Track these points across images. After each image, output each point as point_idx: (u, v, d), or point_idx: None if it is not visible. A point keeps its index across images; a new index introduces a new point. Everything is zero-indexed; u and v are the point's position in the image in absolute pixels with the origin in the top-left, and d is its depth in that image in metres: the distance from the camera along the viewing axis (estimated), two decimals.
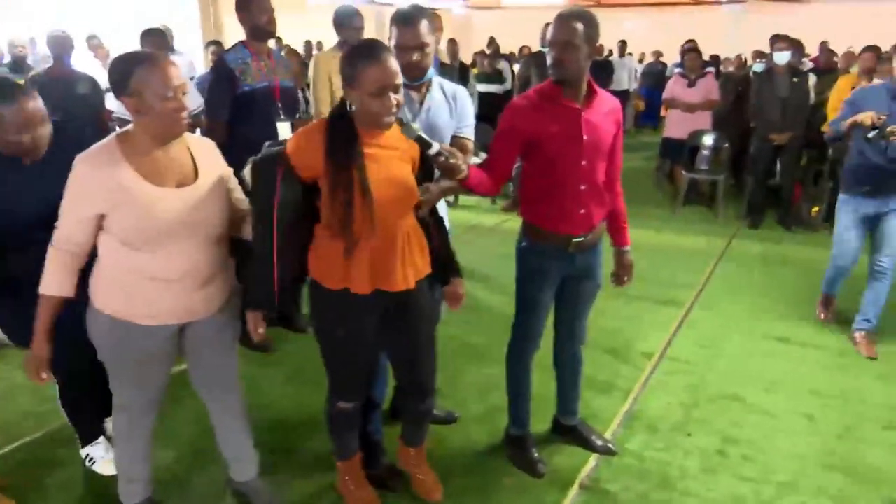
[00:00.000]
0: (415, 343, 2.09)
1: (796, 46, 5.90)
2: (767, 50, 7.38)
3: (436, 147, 1.84)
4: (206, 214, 1.84)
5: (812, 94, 5.84)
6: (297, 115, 3.46)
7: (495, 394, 3.01)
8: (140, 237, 1.75)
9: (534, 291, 2.34)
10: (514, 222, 6.09)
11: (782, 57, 5.52)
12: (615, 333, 3.69)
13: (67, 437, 2.57)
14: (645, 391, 3.10)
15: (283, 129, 3.20)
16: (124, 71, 1.67)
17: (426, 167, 1.97)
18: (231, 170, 1.98)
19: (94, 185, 1.71)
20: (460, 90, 2.36)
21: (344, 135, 1.79)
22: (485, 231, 5.74)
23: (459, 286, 2.16)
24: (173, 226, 1.76)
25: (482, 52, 8.62)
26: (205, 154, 1.92)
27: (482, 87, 7.52)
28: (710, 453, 2.63)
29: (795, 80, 5.55)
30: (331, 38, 3.80)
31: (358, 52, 1.76)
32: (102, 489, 2.36)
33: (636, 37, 12.89)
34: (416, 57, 2.15)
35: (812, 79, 6.04)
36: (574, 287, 2.38)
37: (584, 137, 2.12)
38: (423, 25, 2.17)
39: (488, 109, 7.25)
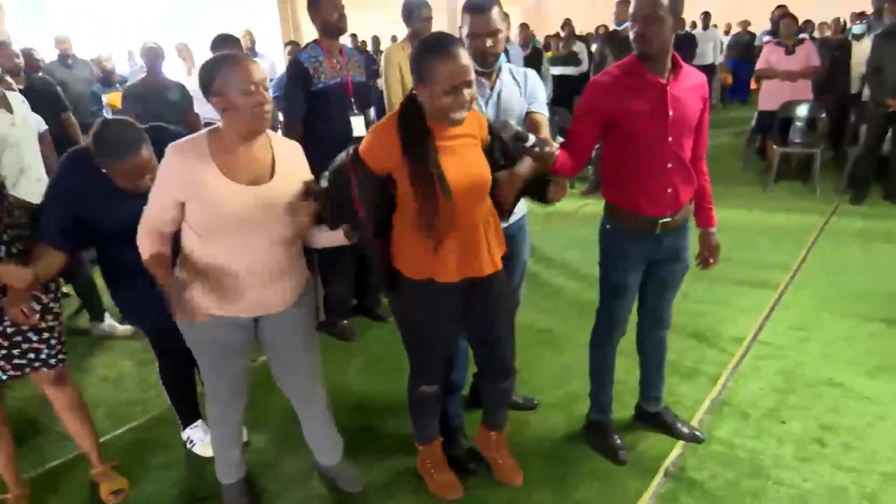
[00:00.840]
0: (495, 323, 2.08)
1: None
2: (869, 10, 6.88)
3: (532, 139, 1.84)
4: (278, 214, 1.87)
5: None
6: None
7: (574, 381, 2.98)
8: (210, 229, 1.83)
9: (619, 276, 2.27)
10: (594, 207, 5.97)
11: None
12: (702, 317, 3.55)
13: (170, 421, 2.75)
14: (734, 377, 2.97)
15: (357, 124, 3.28)
16: (209, 73, 1.75)
17: (496, 143, 1.96)
18: (311, 176, 2.00)
19: (177, 175, 1.79)
20: (529, 71, 2.37)
21: (417, 132, 1.78)
22: (563, 217, 5.63)
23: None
24: (243, 222, 1.82)
25: (556, 35, 8.45)
26: (287, 156, 1.95)
27: (557, 71, 7.38)
28: (806, 441, 2.49)
29: None
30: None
31: (427, 48, 1.73)
32: (201, 469, 2.52)
33: (721, 7, 12.24)
34: (489, 43, 2.17)
35: None
36: (660, 270, 2.30)
37: (671, 113, 2.03)
38: (495, 12, 2.19)
39: (564, 93, 7.14)
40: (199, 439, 2.61)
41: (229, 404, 2.16)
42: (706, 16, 10.91)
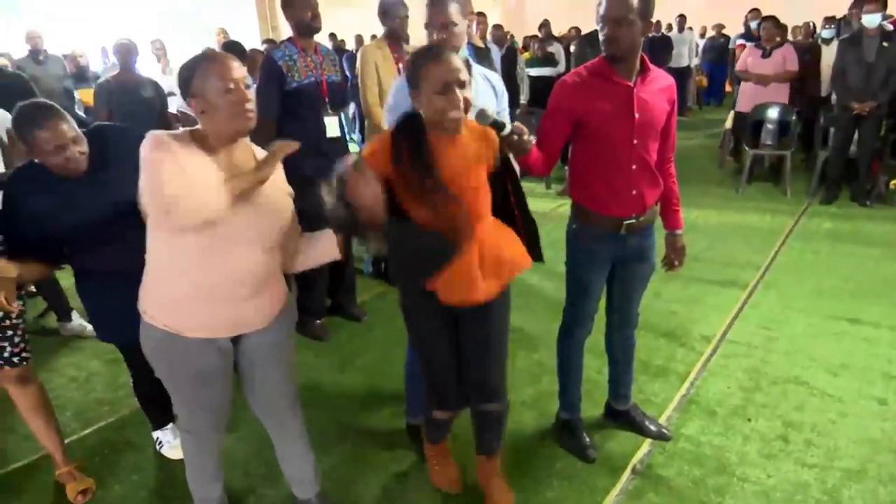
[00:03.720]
0: (486, 342, 2.00)
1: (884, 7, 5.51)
2: (839, 15, 7.00)
3: (509, 128, 1.82)
4: (264, 225, 1.73)
5: None
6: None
7: (546, 379, 3.01)
8: (196, 240, 1.63)
9: (584, 275, 2.31)
10: (568, 207, 6.00)
11: (873, 19, 5.12)
12: (672, 316, 3.60)
13: (139, 422, 2.72)
14: (703, 375, 3.02)
15: (331, 124, 3.27)
16: (187, 73, 1.64)
17: (506, 163, 1.95)
18: (291, 191, 1.87)
19: (175, 162, 1.55)
20: (493, 75, 2.41)
21: (417, 141, 1.77)
22: (538, 217, 5.64)
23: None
24: (229, 230, 1.65)
25: (534, 37, 8.49)
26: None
27: (534, 72, 7.42)
28: (770, 438, 2.54)
29: (886, 44, 5.16)
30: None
31: (419, 54, 1.78)
32: (171, 470, 2.49)
33: (696, 10, 12.41)
34: (443, 35, 2.23)
35: None
36: (626, 270, 2.33)
37: (636, 115, 2.05)
38: (452, 6, 2.25)
39: (541, 93, 7.16)
40: (167, 441, 2.59)
41: (207, 437, 1.96)
42: (682, 18, 11.06)
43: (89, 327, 3.69)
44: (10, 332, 2.11)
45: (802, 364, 3.06)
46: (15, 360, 2.14)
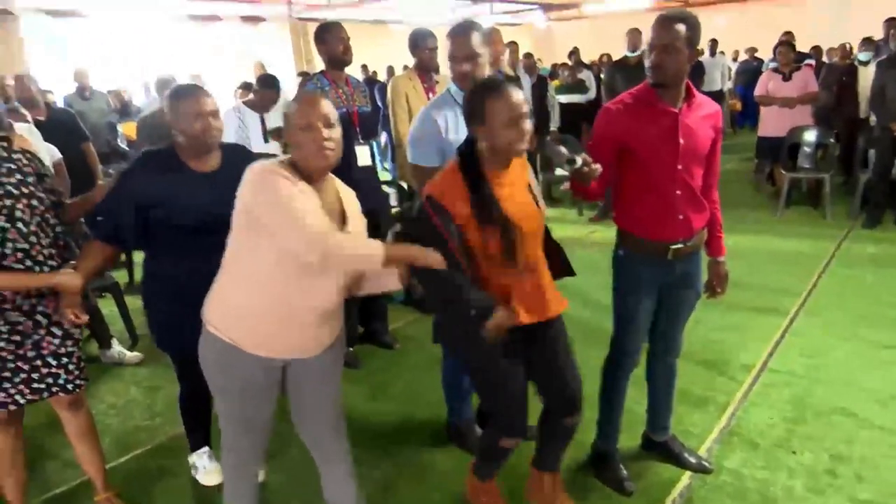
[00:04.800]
0: (559, 354, 2.07)
1: None
2: (877, 36, 6.88)
3: (579, 161, 1.86)
4: None
5: None
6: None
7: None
8: (297, 264, 1.69)
9: (632, 302, 2.26)
10: (602, 233, 5.96)
11: None
12: (711, 345, 3.51)
13: (176, 449, 2.75)
14: (744, 405, 2.93)
15: (362, 153, 3.32)
16: (286, 108, 1.79)
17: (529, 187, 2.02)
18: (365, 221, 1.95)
19: (299, 186, 1.68)
20: None
21: (478, 179, 1.83)
22: (570, 243, 5.60)
23: None
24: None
25: (563, 64, 8.54)
26: (350, 201, 1.90)
27: (564, 98, 7.44)
28: (818, 472, 2.44)
29: None
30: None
31: (481, 89, 1.84)
32: (205, 498, 2.50)
33: (729, 34, 12.35)
34: (466, 67, 2.26)
35: None
36: (672, 296, 2.29)
37: (681, 141, 2.06)
38: (475, 37, 2.28)
39: (571, 120, 7.18)
40: (202, 466, 2.60)
41: (249, 460, 2.00)
42: (713, 43, 10.99)
43: (129, 354, 3.77)
44: (65, 360, 2.16)
45: (849, 394, 2.95)
46: (69, 386, 2.19)
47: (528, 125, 1.81)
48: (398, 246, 1.79)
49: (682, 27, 1.96)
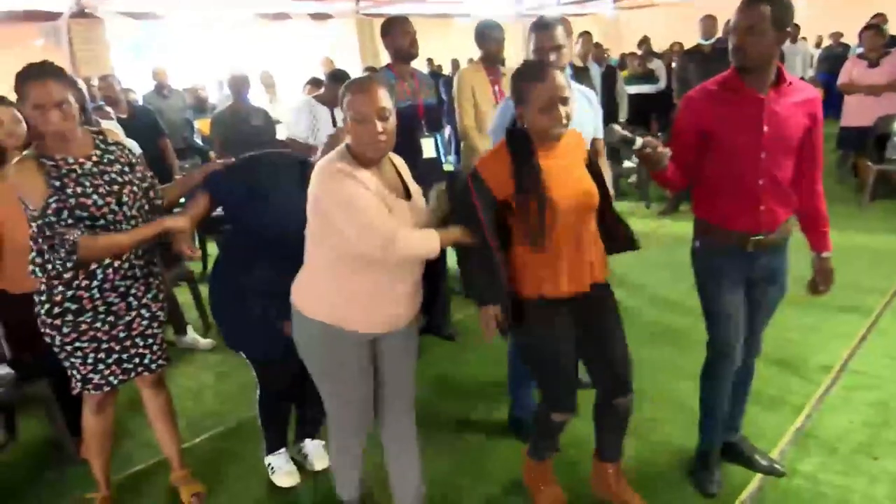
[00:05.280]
0: (610, 337, 2.08)
1: None
2: None
3: (639, 142, 1.92)
4: (421, 226, 1.90)
5: None
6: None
7: (645, 407, 2.87)
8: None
9: (716, 295, 2.17)
10: (671, 228, 5.79)
11: None
12: (787, 344, 3.35)
13: (245, 433, 2.86)
14: (821, 408, 2.79)
15: (427, 145, 3.34)
16: (342, 93, 1.82)
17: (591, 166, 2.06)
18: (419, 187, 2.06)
19: (364, 184, 1.78)
20: (589, 92, 2.51)
21: (523, 154, 1.89)
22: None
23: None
24: None
25: (632, 54, 8.32)
26: (406, 171, 2.02)
27: (633, 89, 7.25)
28: None
29: None
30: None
31: (523, 71, 1.90)
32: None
33: (812, 19, 11.70)
34: (552, 57, 2.38)
35: None
36: (755, 291, 2.20)
37: (765, 129, 1.98)
38: (559, 30, 2.41)
39: (641, 111, 7.00)
40: (279, 467, 2.59)
41: (356, 433, 2.10)
42: (795, 28, 10.46)
43: (203, 341, 3.94)
44: (150, 341, 2.29)
45: None
46: (153, 366, 2.32)
47: (567, 110, 1.84)
48: (444, 231, 1.88)
49: (766, 8, 1.88)
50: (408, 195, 1.93)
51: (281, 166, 2.33)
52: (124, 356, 2.24)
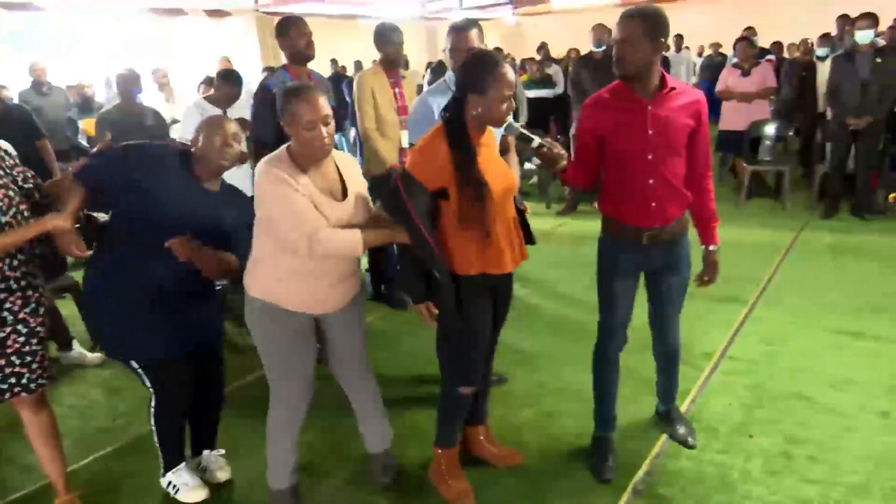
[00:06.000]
0: (499, 317, 2.31)
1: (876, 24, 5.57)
2: (834, 32, 7.05)
3: (537, 140, 2.11)
4: (355, 224, 2.07)
5: None
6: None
7: (547, 399, 3.00)
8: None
9: (609, 283, 2.38)
10: (569, 227, 6.03)
11: (865, 36, 5.20)
12: None
13: (140, 451, 2.73)
14: (704, 392, 3.00)
15: None
16: (281, 102, 1.97)
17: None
18: (366, 183, 2.26)
19: (298, 188, 1.97)
20: None
21: (464, 143, 2.03)
22: (539, 236, 5.69)
23: None
24: None
25: (531, 59, 8.58)
26: (348, 168, 2.18)
27: (532, 93, 7.47)
28: (773, 455, 2.51)
29: (879, 60, 5.21)
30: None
31: (484, 61, 2.01)
32: (169, 498, 2.47)
33: (694, 30, 12.52)
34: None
35: None
36: (657, 281, 2.41)
37: (650, 132, 2.15)
38: (473, 32, 2.58)
39: (540, 114, 7.22)
40: (183, 483, 2.43)
41: (297, 407, 2.25)
42: (679, 38, 11.16)
43: (90, 356, 3.70)
44: (28, 359, 2.12)
45: (805, 380, 3.04)
46: (32, 385, 2.15)
47: (513, 102, 2.03)
48: (371, 231, 2.06)
49: (640, 22, 2.06)
50: (344, 195, 2.09)
51: (162, 157, 2.22)
52: None
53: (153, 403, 2.36)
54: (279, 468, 2.32)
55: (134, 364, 2.28)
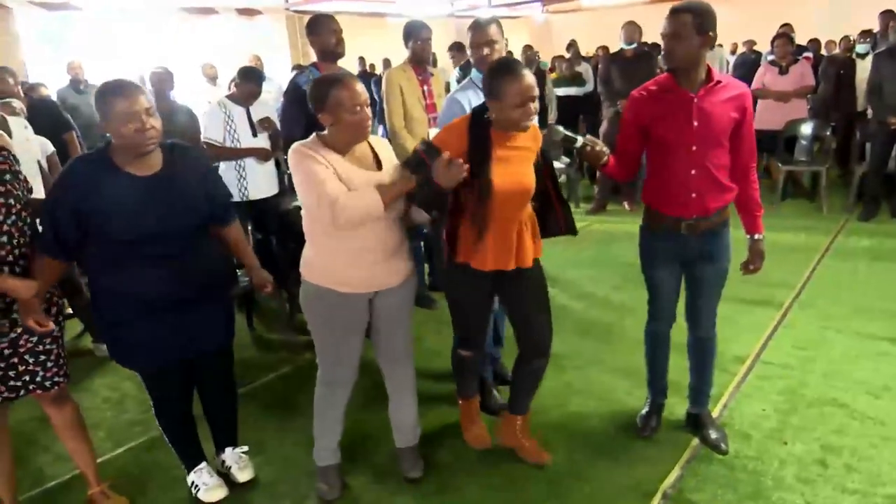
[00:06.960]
0: (525, 307, 2.37)
1: None
2: (875, 28, 6.86)
3: (580, 140, 2.21)
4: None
5: None
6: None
7: (574, 400, 2.97)
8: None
9: (650, 270, 2.48)
10: (600, 225, 5.97)
11: None
12: None
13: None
14: (736, 397, 2.94)
15: None
16: (323, 91, 2.04)
17: (545, 155, 2.31)
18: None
19: (323, 162, 2.03)
20: None
21: (481, 139, 2.11)
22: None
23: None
24: None
25: (560, 57, 8.50)
26: (382, 148, 2.27)
27: (561, 91, 7.42)
28: (808, 462, 2.45)
29: None
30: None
31: (500, 68, 2.08)
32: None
33: (727, 27, 12.29)
34: (486, 51, 2.64)
35: None
36: (693, 270, 2.43)
37: (695, 124, 2.19)
38: (492, 28, 2.68)
39: (569, 113, 7.17)
40: (203, 483, 2.44)
41: (342, 384, 2.33)
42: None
43: None
44: (42, 358, 2.15)
45: (841, 386, 2.96)
46: (47, 384, 2.18)
47: (535, 106, 2.06)
48: (386, 186, 2.08)
49: (687, 16, 2.11)
50: (379, 167, 2.17)
51: (90, 169, 2.03)
52: (11, 374, 2.09)
53: (154, 413, 2.40)
54: (324, 444, 2.40)
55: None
